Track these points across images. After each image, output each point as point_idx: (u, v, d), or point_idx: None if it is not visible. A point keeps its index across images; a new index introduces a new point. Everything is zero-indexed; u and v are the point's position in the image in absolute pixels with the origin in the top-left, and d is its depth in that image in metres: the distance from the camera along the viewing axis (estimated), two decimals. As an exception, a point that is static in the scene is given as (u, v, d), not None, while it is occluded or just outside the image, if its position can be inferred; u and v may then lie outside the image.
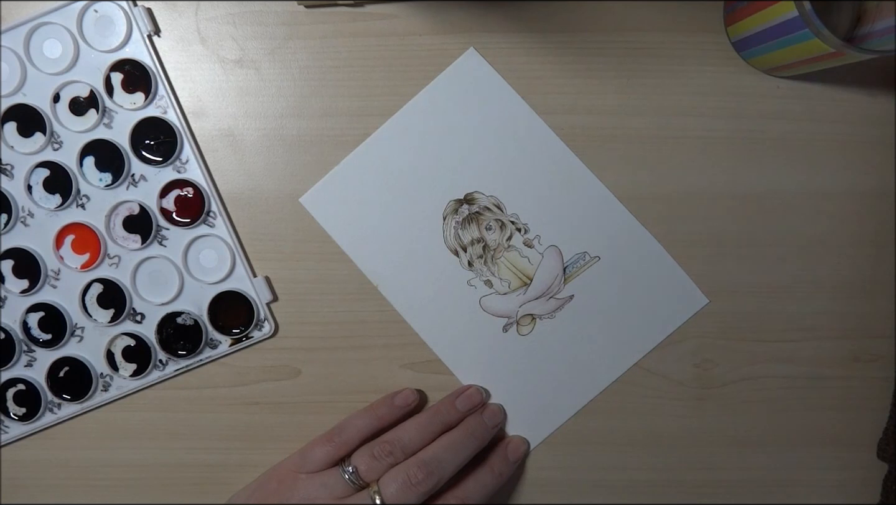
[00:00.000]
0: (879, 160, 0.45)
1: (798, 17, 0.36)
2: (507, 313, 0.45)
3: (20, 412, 0.45)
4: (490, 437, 0.43)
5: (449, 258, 0.45)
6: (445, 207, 0.45)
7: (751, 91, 0.44)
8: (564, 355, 0.45)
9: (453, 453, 0.41)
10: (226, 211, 0.44)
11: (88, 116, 0.44)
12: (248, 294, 0.45)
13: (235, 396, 0.46)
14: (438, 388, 0.46)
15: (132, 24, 0.43)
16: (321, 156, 0.45)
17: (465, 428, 0.43)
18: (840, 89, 0.45)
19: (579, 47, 0.44)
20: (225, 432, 0.46)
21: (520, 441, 0.45)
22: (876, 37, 0.40)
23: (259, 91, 0.45)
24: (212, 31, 0.44)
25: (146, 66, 0.43)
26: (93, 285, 0.44)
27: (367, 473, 0.40)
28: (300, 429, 0.46)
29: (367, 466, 0.40)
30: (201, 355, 0.45)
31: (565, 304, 0.45)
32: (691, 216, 0.45)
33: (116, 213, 0.44)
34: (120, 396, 0.45)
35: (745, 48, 0.43)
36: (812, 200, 0.45)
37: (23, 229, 0.44)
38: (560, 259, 0.45)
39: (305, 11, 0.44)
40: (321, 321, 0.45)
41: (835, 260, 0.45)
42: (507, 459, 0.44)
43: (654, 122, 0.45)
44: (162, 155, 0.44)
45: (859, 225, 0.45)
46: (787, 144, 0.45)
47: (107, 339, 0.45)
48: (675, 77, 0.44)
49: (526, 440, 0.45)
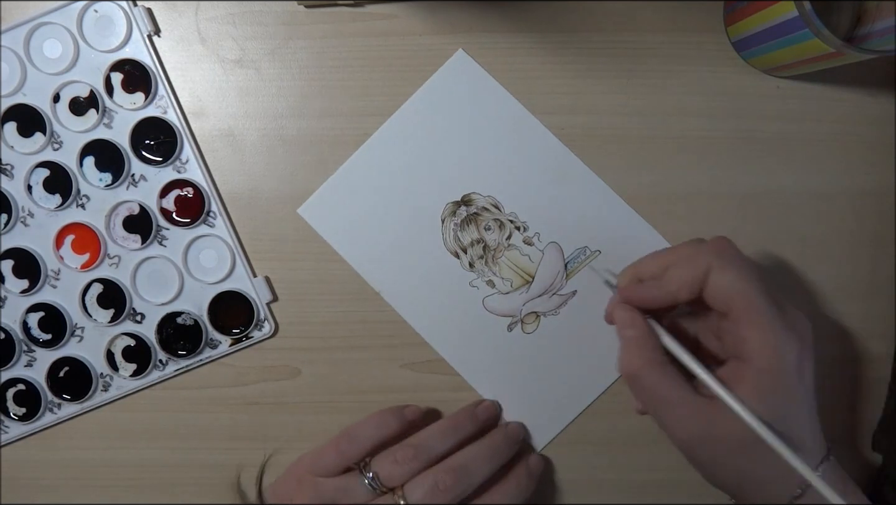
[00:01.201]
0: (879, 160, 0.45)
1: (798, 17, 0.36)
2: (510, 312, 0.45)
3: (20, 412, 0.45)
4: (512, 454, 0.43)
5: (450, 261, 0.45)
6: (443, 210, 0.45)
7: (751, 91, 0.44)
8: (570, 351, 0.45)
9: (480, 464, 0.41)
10: (226, 211, 0.44)
11: (88, 116, 0.44)
12: (248, 294, 0.45)
13: (235, 396, 0.46)
14: (438, 388, 0.45)
15: (132, 24, 0.43)
16: (321, 156, 0.45)
17: (492, 440, 0.43)
18: (840, 89, 0.45)
19: (579, 47, 0.44)
20: (225, 432, 0.46)
21: (539, 458, 0.45)
22: (876, 37, 0.40)
23: (259, 91, 0.45)
24: (212, 31, 0.44)
25: (146, 66, 0.43)
26: (93, 285, 0.44)
27: (388, 478, 0.40)
28: (300, 429, 0.46)
29: (389, 472, 0.40)
30: (201, 355, 0.45)
31: (568, 299, 0.45)
32: (691, 216, 0.45)
33: (116, 213, 0.44)
34: (120, 396, 0.45)
35: (745, 48, 0.43)
36: (812, 200, 0.45)
37: (23, 229, 0.44)
38: (561, 255, 0.45)
39: (305, 11, 0.44)
40: (321, 321, 0.45)
41: (835, 260, 0.45)
42: (532, 474, 0.44)
43: (654, 122, 0.45)
44: (162, 155, 0.44)
45: (859, 225, 0.45)
46: (787, 144, 0.45)
47: (107, 339, 0.45)
48: (675, 77, 0.44)
49: (546, 457, 0.45)
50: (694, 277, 0.35)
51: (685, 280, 0.35)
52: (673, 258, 0.36)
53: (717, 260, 0.34)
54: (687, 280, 0.35)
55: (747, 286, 0.34)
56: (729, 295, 0.34)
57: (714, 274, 0.34)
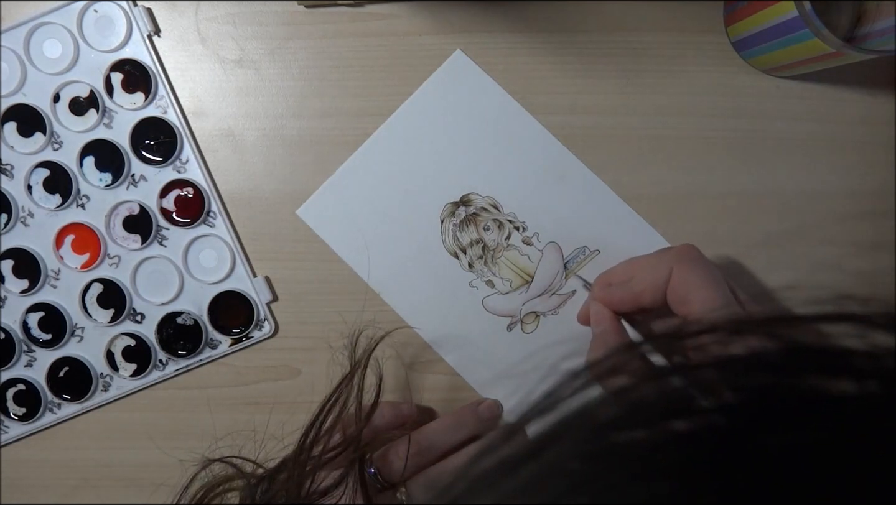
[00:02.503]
0: (879, 160, 0.45)
1: (798, 17, 0.36)
2: (510, 312, 0.45)
3: (20, 412, 0.45)
4: None
5: (449, 261, 0.45)
6: (442, 210, 0.45)
7: (751, 91, 0.44)
8: (570, 351, 0.45)
9: None
10: (226, 211, 0.44)
11: (88, 116, 0.44)
12: (248, 294, 0.45)
13: (235, 396, 0.46)
14: (438, 388, 0.45)
15: (132, 24, 0.43)
16: (321, 156, 0.45)
17: None
18: (840, 89, 0.45)
19: (579, 47, 0.44)
20: (225, 432, 0.46)
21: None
22: (876, 37, 0.40)
23: (259, 91, 0.45)
24: (212, 31, 0.44)
25: (146, 66, 0.43)
26: (93, 285, 0.44)
27: (391, 474, 0.40)
28: (300, 429, 0.46)
29: (392, 468, 0.40)
30: (201, 355, 0.45)
31: (568, 299, 0.45)
32: (691, 216, 0.45)
33: (116, 213, 0.44)
34: (120, 396, 0.45)
35: (745, 48, 0.43)
36: (812, 200, 0.45)
37: (23, 229, 0.44)
38: (560, 255, 0.45)
39: (305, 11, 0.44)
40: (321, 321, 0.45)
41: (835, 260, 0.45)
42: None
43: (654, 122, 0.45)
44: (162, 155, 0.44)
45: (859, 225, 0.45)
46: (787, 144, 0.45)
47: (107, 339, 0.45)
48: (675, 77, 0.44)
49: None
50: (656, 281, 0.37)
51: (648, 283, 0.37)
52: (640, 265, 0.39)
53: (677, 264, 0.36)
54: (650, 283, 0.37)
55: (704, 288, 0.35)
56: (686, 293, 0.35)
57: (674, 277, 0.36)
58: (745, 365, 0.16)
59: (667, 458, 0.15)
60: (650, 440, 0.15)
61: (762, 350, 0.16)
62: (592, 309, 0.40)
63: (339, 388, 0.39)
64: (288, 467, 0.37)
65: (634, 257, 0.40)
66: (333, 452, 0.38)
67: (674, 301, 0.36)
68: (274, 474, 0.38)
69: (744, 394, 0.16)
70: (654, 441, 0.15)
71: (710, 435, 0.15)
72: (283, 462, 0.38)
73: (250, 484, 0.38)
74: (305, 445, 0.37)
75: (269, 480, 0.37)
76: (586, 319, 0.42)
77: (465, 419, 0.43)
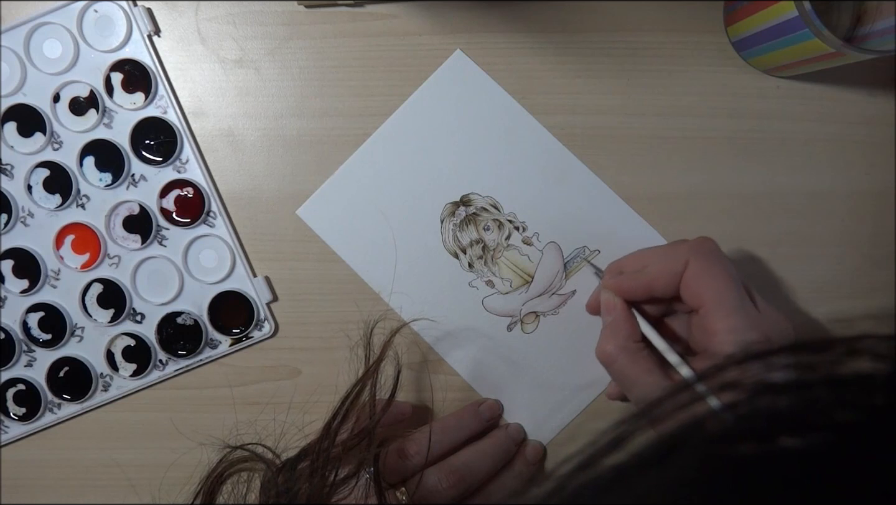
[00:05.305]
0: (879, 160, 0.45)
1: (798, 17, 0.36)
2: (510, 312, 0.45)
3: (20, 412, 0.45)
4: (513, 453, 0.43)
5: (449, 261, 0.45)
6: (442, 211, 0.45)
7: (751, 91, 0.44)
8: (570, 351, 0.45)
9: (482, 463, 0.41)
10: (226, 211, 0.44)
11: (88, 116, 0.44)
12: (248, 294, 0.45)
13: (235, 396, 0.46)
14: (437, 388, 0.45)
15: (132, 24, 0.43)
16: (321, 156, 0.45)
17: (495, 439, 0.43)
18: (840, 89, 0.45)
19: (579, 47, 0.44)
20: (225, 432, 0.46)
21: (537, 444, 0.45)
22: (876, 37, 0.40)
23: (259, 91, 0.45)
24: (212, 31, 0.44)
25: (146, 66, 0.43)
26: (93, 285, 0.44)
27: (391, 473, 0.39)
28: (300, 429, 0.45)
29: (391, 467, 0.39)
30: (201, 355, 0.45)
31: (568, 299, 0.45)
32: (691, 216, 0.45)
33: (116, 213, 0.44)
34: (120, 396, 0.45)
35: (745, 48, 0.43)
36: (812, 200, 0.45)
37: (23, 229, 0.44)
38: (560, 255, 0.45)
39: (305, 11, 0.44)
40: (321, 321, 0.45)
41: (835, 260, 0.45)
42: (527, 462, 0.44)
43: (654, 122, 0.45)
44: (162, 155, 0.44)
45: (859, 225, 0.45)
46: (787, 144, 0.45)
47: (107, 339, 0.45)
48: (675, 77, 0.44)
49: (541, 443, 0.45)
50: (670, 271, 0.36)
51: (662, 272, 0.37)
52: (654, 253, 0.39)
53: (693, 256, 0.36)
54: (664, 272, 0.37)
55: (718, 282, 0.35)
56: (700, 288, 0.35)
57: (689, 268, 0.36)
58: (859, 385, 0.16)
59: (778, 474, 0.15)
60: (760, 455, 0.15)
61: (875, 371, 0.16)
62: (603, 297, 0.39)
63: (364, 378, 0.39)
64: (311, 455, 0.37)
65: (647, 248, 0.40)
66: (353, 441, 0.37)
67: (687, 293, 0.36)
68: (294, 463, 0.37)
69: (857, 413, 0.16)
70: (765, 456, 0.15)
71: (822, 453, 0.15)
72: (303, 451, 0.38)
73: (271, 470, 0.38)
74: (329, 432, 0.37)
75: (291, 468, 0.37)
76: (596, 307, 0.41)
77: (466, 419, 0.43)
